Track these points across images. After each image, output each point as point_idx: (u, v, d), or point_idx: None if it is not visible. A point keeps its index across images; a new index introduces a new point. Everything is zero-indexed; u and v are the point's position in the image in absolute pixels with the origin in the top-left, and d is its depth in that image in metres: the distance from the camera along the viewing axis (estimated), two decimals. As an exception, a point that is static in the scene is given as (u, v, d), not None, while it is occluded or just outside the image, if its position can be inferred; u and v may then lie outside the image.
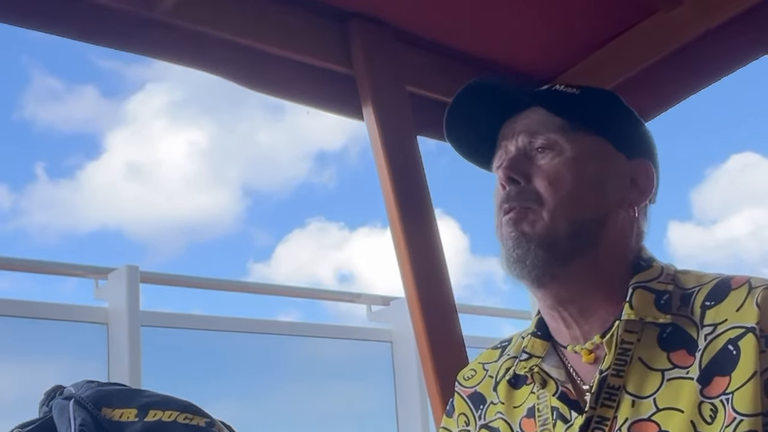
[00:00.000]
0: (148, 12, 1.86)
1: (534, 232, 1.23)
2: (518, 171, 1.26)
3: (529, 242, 1.23)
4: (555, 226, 1.23)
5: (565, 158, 1.26)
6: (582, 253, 1.24)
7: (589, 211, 1.25)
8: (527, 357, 1.31)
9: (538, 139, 1.28)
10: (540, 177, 1.25)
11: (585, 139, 1.28)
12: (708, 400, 1.13)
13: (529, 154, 1.28)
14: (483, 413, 1.37)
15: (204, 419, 1.14)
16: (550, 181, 1.24)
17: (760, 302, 1.14)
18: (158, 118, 7.43)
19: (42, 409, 1.18)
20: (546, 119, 1.29)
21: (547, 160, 1.26)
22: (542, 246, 1.22)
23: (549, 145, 1.27)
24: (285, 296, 4.37)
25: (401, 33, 2.19)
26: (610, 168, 1.28)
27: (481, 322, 4.97)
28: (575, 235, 1.23)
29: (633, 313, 1.21)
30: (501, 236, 1.27)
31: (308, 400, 4.09)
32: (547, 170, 1.25)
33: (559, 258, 1.23)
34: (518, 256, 1.23)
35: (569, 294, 1.25)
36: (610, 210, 1.27)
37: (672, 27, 2.15)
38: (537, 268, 1.22)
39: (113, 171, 7.06)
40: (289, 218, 7.49)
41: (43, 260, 3.49)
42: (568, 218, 1.23)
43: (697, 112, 6.51)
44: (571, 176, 1.25)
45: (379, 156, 2.08)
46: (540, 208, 1.24)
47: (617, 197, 1.28)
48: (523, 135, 1.29)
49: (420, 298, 2.00)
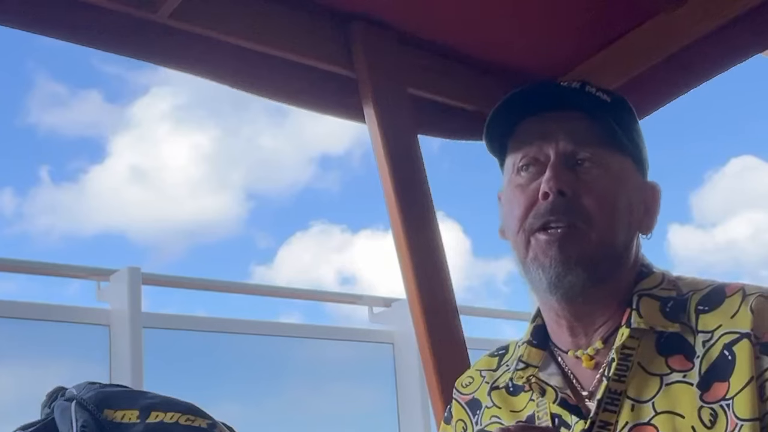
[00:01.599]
0: (150, 15, 1.86)
1: (580, 255, 1.19)
2: (567, 183, 1.21)
3: (572, 264, 1.19)
4: (601, 249, 1.20)
5: (611, 176, 1.22)
6: (613, 275, 1.23)
7: (623, 236, 1.23)
8: (524, 366, 1.30)
9: (584, 150, 1.22)
10: (587, 193, 1.21)
11: (619, 157, 1.25)
12: (708, 405, 1.14)
13: (571, 163, 1.23)
14: (479, 418, 1.37)
15: (206, 421, 1.14)
16: (599, 200, 1.20)
17: (755, 308, 1.15)
18: (162, 122, 7.45)
19: (44, 410, 1.18)
20: (589, 129, 1.23)
21: (594, 176, 1.22)
22: (584, 267, 1.19)
23: (596, 159, 1.22)
24: (286, 298, 4.37)
25: (403, 35, 2.19)
26: (635, 190, 1.27)
27: (483, 324, 4.98)
28: (614, 259, 1.22)
29: (642, 322, 1.21)
30: (536, 253, 1.22)
31: (309, 402, 4.09)
32: (596, 187, 1.21)
33: (596, 280, 1.21)
34: (558, 274, 1.20)
35: (589, 310, 1.25)
36: (634, 234, 1.26)
37: (674, 29, 2.15)
38: (574, 288, 1.20)
39: (117, 175, 7.08)
40: (292, 221, 7.51)
41: (45, 262, 3.50)
42: (611, 241, 1.21)
43: (697, 117, 6.53)
44: (616, 197, 1.22)
45: (381, 157, 2.08)
46: (588, 228, 1.20)
47: (637, 221, 1.27)
48: (565, 141, 1.23)
49: (421, 300, 2.00)
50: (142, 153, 7.35)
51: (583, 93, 1.26)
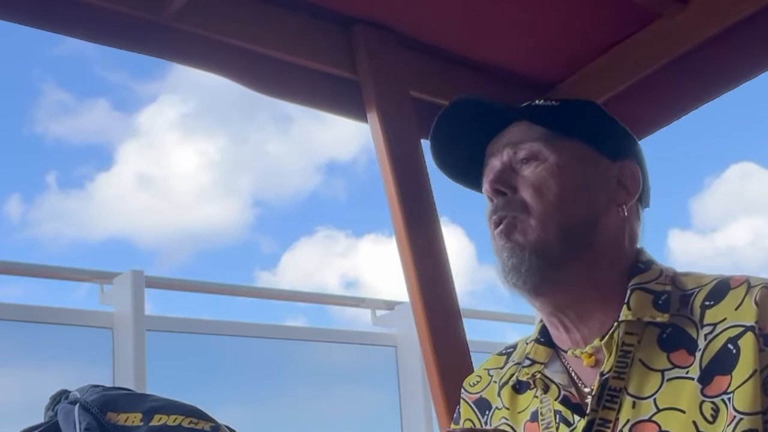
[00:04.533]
0: (153, 17, 1.87)
1: (526, 240, 1.24)
2: (504, 183, 1.28)
3: (522, 251, 1.24)
4: (545, 232, 1.24)
5: (549, 165, 1.27)
6: (575, 256, 1.25)
7: (577, 215, 1.26)
8: (530, 363, 1.31)
9: (521, 150, 1.29)
10: (525, 186, 1.27)
11: (567, 146, 1.29)
12: (709, 399, 1.13)
13: (514, 166, 1.30)
14: (489, 419, 1.38)
15: (209, 423, 1.14)
16: (535, 189, 1.26)
17: (759, 300, 1.15)
18: (170, 130, 7.47)
19: (47, 413, 1.18)
20: (527, 130, 1.31)
21: (531, 169, 1.28)
22: (535, 253, 1.23)
23: (532, 155, 1.29)
24: (289, 301, 4.36)
25: (405, 38, 2.20)
26: (594, 171, 1.30)
27: (485, 327, 4.98)
28: (566, 239, 1.24)
29: (630, 314, 1.21)
30: (495, 249, 1.28)
31: (313, 405, 4.09)
32: (532, 179, 1.27)
33: (553, 263, 1.24)
34: (513, 264, 1.24)
35: (567, 299, 1.26)
36: (600, 212, 1.28)
37: (675, 34, 2.15)
38: (533, 275, 1.23)
39: (124, 182, 7.10)
40: (297, 227, 7.52)
41: (48, 265, 3.50)
42: (557, 223, 1.24)
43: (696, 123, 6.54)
44: (556, 182, 1.26)
45: (384, 160, 2.09)
46: (528, 216, 1.25)
47: (605, 199, 1.29)
48: (507, 148, 1.31)
49: (424, 303, 2.00)
50: (149, 160, 7.37)
51: (528, 106, 1.35)
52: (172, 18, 1.88)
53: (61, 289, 3.93)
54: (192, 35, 1.95)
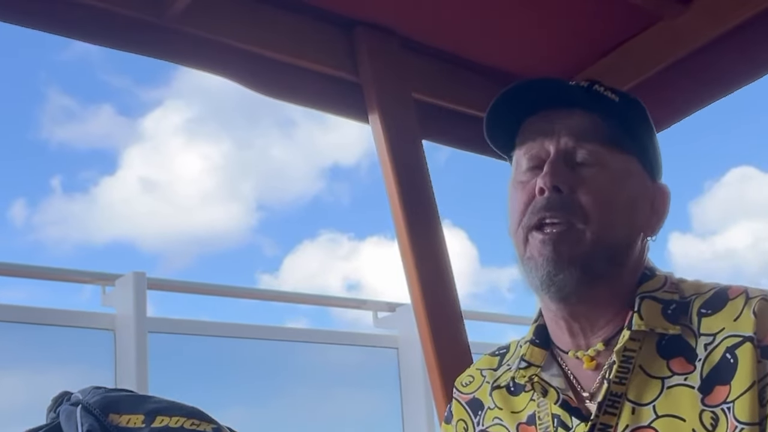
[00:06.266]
0: (155, 19, 1.88)
1: (572, 253, 1.18)
2: (563, 179, 1.20)
3: (565, 263, 1.18)
4: (595, 248, 1.19)
5: (610, 174, 1.22)
6: (610, 275, 1.22)
7: (623, 235, 1.22)
8: (526, 365, 1.30)
9: (583, 147, 1.22)
10: (585, 190, 1.20)
11: (623, 156, 1.24)
12: (709, 408, 1.14)
13: (570, 160, 1.22)
14: (481, 419, 1.37)
15: (211, 425, 1.14)
16: (596, 198, 1.20)
17: (757, 312, 1.15)
18: (174, 135, 7.48)
19: (49, 415, 1.18)
20: (592, 127, 1.23)
21: (593, 173, 1.21)
22: (579, 267, 1.18)
23: (594, 156, 1.22)
24: (291, 302, 4.36)
25: (407, 40, 2.20)
26: (639, 189, 1.26)
27: (487, 329, 4.98)
28: (610, 259, 1.21)
29: (643, 324, 1.20)
30: (531, 249, 1.22)
31: (315, 406, 4.09)
32: (594, 185, 1.20)
33: (590, 280, 1.20)
34: (548, 272, 1.19)
35: (584, 310, 1.24)
36: (635, 233, 1.25)
37: (676, 36, 2.15)
38: (566, 286, 1.19)
39: (128, 186, 7.12)
40: (300, 230, 7.53)
41: (50, 267, 3.49)
42: (608, 241, 1.20)
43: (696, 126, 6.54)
44: (615, 195, 1.21)
45: (385, 162, 2.09)
46: (585, 226, 1.19)
47: (642, 220, 1.25)
48: (567, 138, 1.23)
49: (426, 304, 2.01)
50: (154, 164, 7.39)
51: (590, 92, 1.26)
52: (174, 20, 1.88)
53: (64, 291, 3.94)
54: (194, 37, 1.96)
